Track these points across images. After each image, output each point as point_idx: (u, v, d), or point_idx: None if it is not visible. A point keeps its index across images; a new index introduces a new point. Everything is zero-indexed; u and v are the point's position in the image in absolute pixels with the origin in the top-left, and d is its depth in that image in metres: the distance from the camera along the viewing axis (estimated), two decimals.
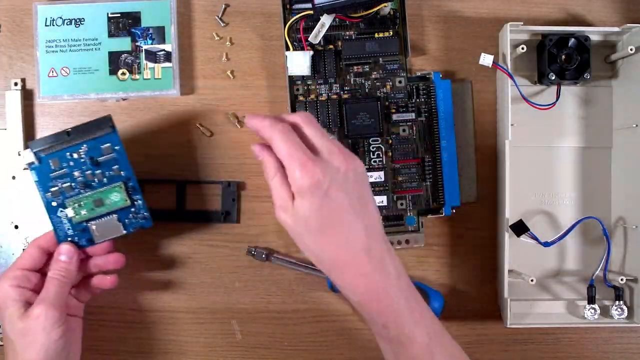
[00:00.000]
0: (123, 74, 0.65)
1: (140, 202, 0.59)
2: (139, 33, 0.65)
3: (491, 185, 0.67)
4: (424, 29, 0.68)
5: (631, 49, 0.63)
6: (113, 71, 0.65)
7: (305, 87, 0.66)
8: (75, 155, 0.57)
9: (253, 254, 0.66)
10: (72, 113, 0.67)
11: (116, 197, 0.58)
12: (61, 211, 0.58)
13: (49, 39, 0.65)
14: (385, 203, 0.65)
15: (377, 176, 0.65)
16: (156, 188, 0.66)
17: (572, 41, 0.64)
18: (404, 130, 0.66)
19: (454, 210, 0.66)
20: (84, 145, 0.57)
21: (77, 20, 0.65)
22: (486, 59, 0.62)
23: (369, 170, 0.65)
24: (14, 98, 0.65)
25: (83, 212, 0.58)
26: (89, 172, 0.58)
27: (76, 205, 0.58)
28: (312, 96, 0.66)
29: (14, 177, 0.65)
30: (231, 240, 0.66)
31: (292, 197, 0.52)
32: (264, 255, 0.66)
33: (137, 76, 0.65)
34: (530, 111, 0.65)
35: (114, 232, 0.59)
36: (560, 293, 0.67)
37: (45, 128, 0.67)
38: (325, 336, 0.67)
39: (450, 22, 0.68)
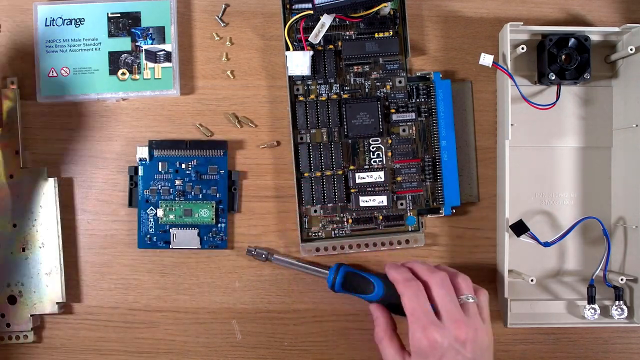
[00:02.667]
0: (123, 74, 0.65)
1: (223, 225, 0.64)
2: (139, 33, 0.65)
3: (491, 185, 0.67)
4: (424, 29, 0.68)
5: (631, 49, 0.63)
6: (113, 71, 0.65)
7: (305, 87, 0.66)
8: (183, 166, 0.64)
9: (253, 254, 0.66)
10: (72, 113, 0.67)
11: (205, 213, 0.63)
12: (151, 209, 0.64)
13: (49, 39, 0.65)
14: (385, 203, 0.65)
15: (377, 176, 0.65)
16: None
17: (572, 41, 0.64)
18: (404, 130, 0.66)
19: (454, 210, 0.66)
20: (195, 160, 0.63)
21: (77, 20, 0.65)
22: (486, 59, 0.62)
23: (369, 170, 0.65)
24: (14, 98, 0.65)
25: (171, 216, 0.64)
26: (189, 183, 0.64)
27: (167, 208, 0.64)
28: (312, 96, 0.66)
29: (11, 176, 0.65)
30: (231, 240, 0.66)
31: (403, 354, 0.57)
32: (264, 255, 0.66)
33: (137, 76, 0.65)
34: (530, 111, 0.65)
35: (191, 243, 0.64)
36: (560, 293, 0.67)
37: (45, 128, 0.67)
38: (325, 336, 0.67)
39: (450, 22, 0.68)
